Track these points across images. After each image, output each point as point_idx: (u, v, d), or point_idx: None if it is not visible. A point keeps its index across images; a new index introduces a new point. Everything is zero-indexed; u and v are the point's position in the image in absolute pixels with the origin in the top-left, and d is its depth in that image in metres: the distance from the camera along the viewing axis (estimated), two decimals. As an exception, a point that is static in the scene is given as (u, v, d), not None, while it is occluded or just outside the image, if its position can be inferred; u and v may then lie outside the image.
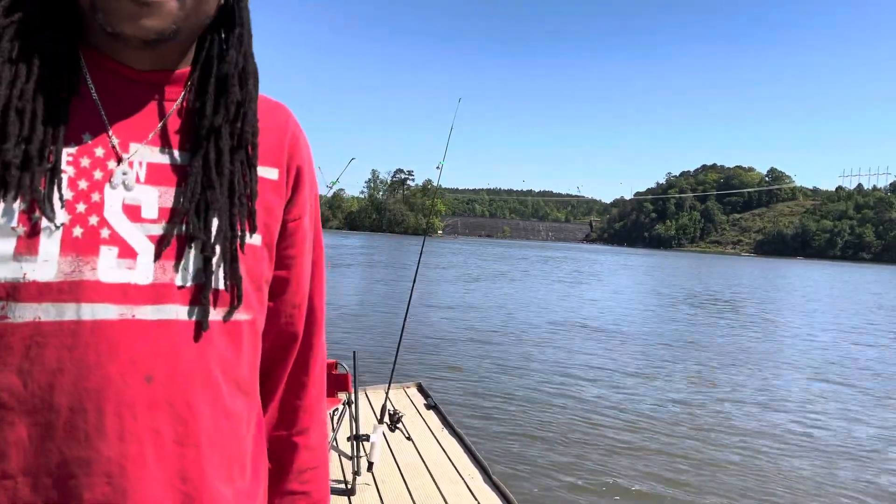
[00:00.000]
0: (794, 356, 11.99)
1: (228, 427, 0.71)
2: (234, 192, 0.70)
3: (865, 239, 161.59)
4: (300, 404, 0.85)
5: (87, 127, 0.65)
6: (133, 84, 0.68)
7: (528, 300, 19.21)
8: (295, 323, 0.83)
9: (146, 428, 0.64)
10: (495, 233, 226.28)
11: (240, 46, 0.72)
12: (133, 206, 0.66)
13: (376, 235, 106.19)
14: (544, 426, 6.49)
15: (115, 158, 0.66)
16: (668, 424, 6.85)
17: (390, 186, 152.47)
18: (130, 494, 0.63)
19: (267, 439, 0.83)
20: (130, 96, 0.68)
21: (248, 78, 0.73)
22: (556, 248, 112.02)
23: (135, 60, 0.67)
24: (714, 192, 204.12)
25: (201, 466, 0.68)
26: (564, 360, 10.06)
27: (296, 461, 0.85)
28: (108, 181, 0.65)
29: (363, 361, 7.04)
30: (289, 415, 0.85)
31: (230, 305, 0.70)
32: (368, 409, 5.08)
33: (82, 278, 0.62)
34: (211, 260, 0.68)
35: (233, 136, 0.71)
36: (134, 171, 0.66)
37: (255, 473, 0.77)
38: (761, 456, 6.05)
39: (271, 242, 0.77)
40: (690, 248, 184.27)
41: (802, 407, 8.09)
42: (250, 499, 0.75)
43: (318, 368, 0.88)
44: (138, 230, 0.65)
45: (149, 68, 0.68)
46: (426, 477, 3.94)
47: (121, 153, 0.66)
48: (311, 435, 0.86)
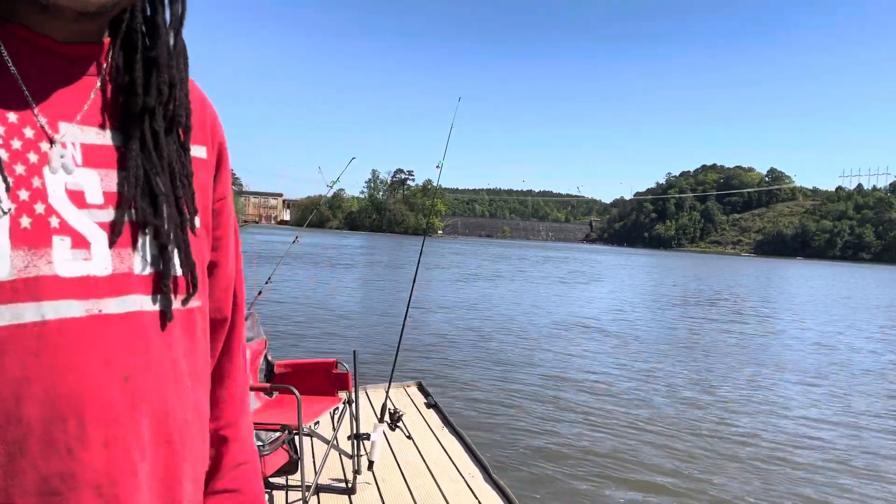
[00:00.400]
0: (800, 358, 11.99)
1: (196, 423, 0.68)
2: (175, 174, 0.67)
3: (865, 239, 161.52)
4: (226, 395, 0.80)
5: (9, 104, 0.57)
6: (53, 56, 0.60)
7: (529, 300, 19.22)
8: (224, 308, 0.79)
9: (130, 431, 0.59)
10: (495, 233, 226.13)
11: (175, 23, 0.66)
12: (77, 192, 0.60)
13: (376, 235, 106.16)
14: (545, 425, 6.50)
15: (47, 139, 0.59)
16: (670, 425, 6.85)
17: (390, 186, 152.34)
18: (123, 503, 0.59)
19: None
20: (52, 70, 0.60)
21: (180, 56, 0.67)
22: (556, 248, 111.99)
23: (55, 30, 0.60)
24: (714, 193, 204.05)
25: (177, 466, 0.65)
26: (565, 360, 10.07)
27: (226, 456, 0.79)
28: (46, 165, 0.58)
29: (363, 360, 7.06)
30: (216, 407, 0.78)
31: (187, 292, 0.67)
32: (369, 408, 5.08)
33: (39, 274, 0.56)
34: (167, 246, 0.65)
35: (166, 118, 0.66)
36: (69, 153, 0.60)
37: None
38: (767, 459, 6.05)
39: (208, 224, 0.74)
40: (690, 249, 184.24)
41: (809, 411, 8.08)
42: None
43: (241, 355, 0.83)
44: (87, 217, 0.60)
45: (69, 39, 0.61)
46: (426, 476, 3.95)
47: (51, 134, 0.59)
48: (239, 427, 0.80)
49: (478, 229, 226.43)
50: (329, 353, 8.68)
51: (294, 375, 3.64)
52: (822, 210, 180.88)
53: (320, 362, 3.80)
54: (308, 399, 3.38)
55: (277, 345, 8.88)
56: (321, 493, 3.53)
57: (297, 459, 3.10)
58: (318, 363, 3.79)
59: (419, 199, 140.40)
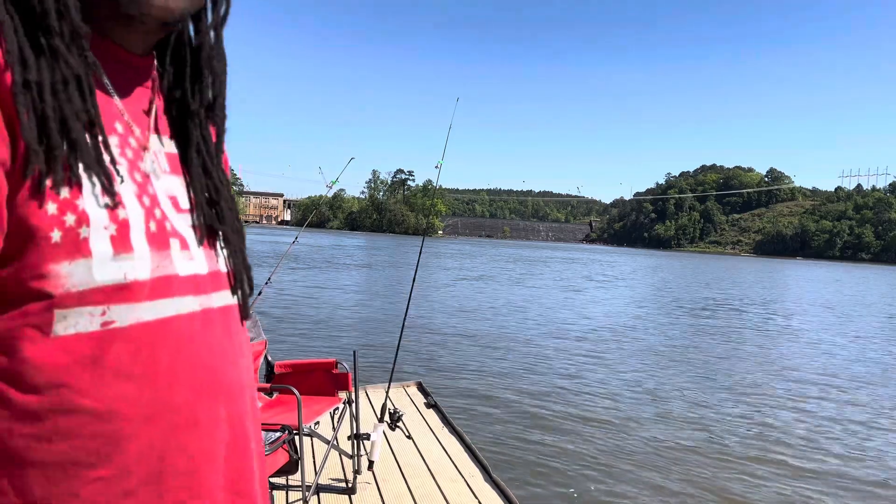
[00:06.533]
0: (818, 364, 11.97)
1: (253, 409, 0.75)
2: (225, 182, 0.74)
3: (864, 239, 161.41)
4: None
5: (112, 115, 0.62)
6: (130, 69, 0.66)
7: (530, 300, 19.20)
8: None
9: (243, 410, 0.67)
10: (495, 233, 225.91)
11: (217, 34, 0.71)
12: (173, 198, 0.66)
13: (377, 235, 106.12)
14: (546, 426, 6.49)
15: (141, 148, 0.64)
16: (672, 427, 6.85)
17: (390, 187, 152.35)
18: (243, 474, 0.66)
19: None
20: (130, 82, 0.66)
21: (223, 66, 0.72)
22: (556, 248, 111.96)
23: (133, 44, 0.65)
24: (713, 193, 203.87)
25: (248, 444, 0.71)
26: (567, 361, 10.06)
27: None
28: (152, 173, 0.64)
29: (363, 360, 7.06)
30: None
31: (250, 290, 0.75)
32: (369, 408, 5.08)
33: (167, 273, 0.62)
34: (235, 247, 0.72)
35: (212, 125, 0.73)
36: (160, 161, 0.66)
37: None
38: (774, 465, 6.05)
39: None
40: (690, 249, 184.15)
41: (823, 421, 8.08)
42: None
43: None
44: (184, 221, 0.66)
45: (142, 52, 0.67)
46: (426, 476, 3.95)
47: (144, 142, 0.65)
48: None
49: (478, 229, 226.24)
50: (329, 353, 8.68)
51: (294, 376, 3.64)
52: (821, 210, 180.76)
53: (320, 362, 3.80)
54: (308, 399, 3.38)
55: (277, 345, 8.88)
56: (321, 493, 3.53)
57: (297, 459, 3.11)
58: (318, 363, 3.79)
59: (419, 200, 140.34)
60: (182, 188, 0.68)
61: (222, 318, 0.68)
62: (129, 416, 0.57)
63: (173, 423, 0.60)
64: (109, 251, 0.56)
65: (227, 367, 0.65)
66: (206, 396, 0.63)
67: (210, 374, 0.63)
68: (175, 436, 0.60)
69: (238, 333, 0.71)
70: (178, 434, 0.60)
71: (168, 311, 0.61)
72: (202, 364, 0.63)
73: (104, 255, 0.56)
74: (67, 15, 0.57)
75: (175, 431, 0.60)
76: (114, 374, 0.57)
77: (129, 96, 0.65)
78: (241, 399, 0.67)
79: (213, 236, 0.70)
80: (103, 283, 0.56)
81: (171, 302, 0.61)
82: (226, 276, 0.71)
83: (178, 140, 0.70)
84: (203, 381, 0.62)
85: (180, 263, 0.63)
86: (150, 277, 0.59)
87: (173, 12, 0.61)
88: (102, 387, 0.56)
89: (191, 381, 0.61)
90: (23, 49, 0.54)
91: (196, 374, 0.62)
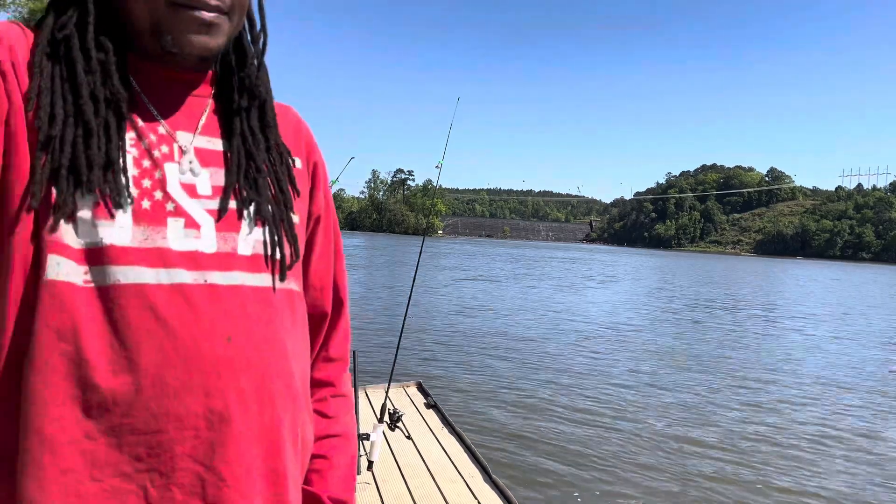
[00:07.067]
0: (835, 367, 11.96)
1: (298, 395, 0.77)
2: (274, 161, 0.80)
3: (865, 239, 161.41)
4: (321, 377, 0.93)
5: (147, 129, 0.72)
6: (175, 83, 0.75)
7: (530, 300, 19.20)
8: (322, 304, 0.90)
9: (230, 386, 0.68)
10: (495, 233, 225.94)
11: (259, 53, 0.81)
12: (189, 185, 0.72)
13: (377, 235, 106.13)
14: (545, 426, 6.48)
15: (167, 143, 0.73)
16: (673, 427, 6.84)
17: (390, 187, 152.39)
18: (217, 448, 0.66)
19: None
20: (175, 94, 0.75)
21: (265, 79, 0.82)
22: (556, 247, 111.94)
23: (178, 65, 0.75)
24: (714, 192, 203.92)
25: (277, 428, 0.72)
26: (567, 362, 10.05)
27: (316, 428, 0.88)
28: (167, 162, 0.72)
29: (363, 360, 7.06)
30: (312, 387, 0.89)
31: (284, 274, 0.77)
32: (368, 408, 5.07)
33: (155, 245, 0.67)
34: (267, 228, 0.76)
35: (262, 129, 0.81)
36: (188, 156, 0.74)
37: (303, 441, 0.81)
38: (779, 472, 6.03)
39: (304, 226, 0.85)
40: (690, 248, 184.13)
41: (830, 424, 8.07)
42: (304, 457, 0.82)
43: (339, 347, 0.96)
44: (197, 205, 0.72)
45: (189, 69, 0.76)
46: (426, 476, 3.94)
47: (172, 139, 0.73)
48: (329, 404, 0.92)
49: (478, 229, 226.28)
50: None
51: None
52: (822, 210, 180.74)
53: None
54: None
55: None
56: (320, 493, 3.51)
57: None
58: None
59: (419, 199, 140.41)
60: (209, 179, 0.74)
61: (230, 296, 0.70)
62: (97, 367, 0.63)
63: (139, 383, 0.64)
64: (90, 216, 0.65)
65: (215, 341, 0.67)
66: (179, 363, 0.65)
67: (188, 343, 0.66)
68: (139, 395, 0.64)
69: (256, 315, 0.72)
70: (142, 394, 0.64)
71: (148, 278, 0.66)
72: (183, 332, 0.66)
73: (85, 219, 0.65)
74: (110, 80, 0.69)
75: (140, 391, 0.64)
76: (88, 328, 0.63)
77: (175, 107, 0.75)
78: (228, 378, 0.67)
79: (246, 220, 0.75)
80: (85, 244, 0.64)
81: (155, 271, 0.66)
82: (250, 259, 0.74)
83: (224, 134, 0.78)
84: (180, 348, 0.65)
85: (177, 240, 0.69)
86: (130, 245, 0.66)
87: (211, 50, 0.71)
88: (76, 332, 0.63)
89: (163, 347, 0.64)
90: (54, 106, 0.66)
91: (174, 341, 0.65)
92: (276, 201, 0.79)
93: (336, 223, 0.94)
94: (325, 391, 0.92)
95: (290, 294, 0.79)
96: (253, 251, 0.75)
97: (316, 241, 0.89)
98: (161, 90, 0.74)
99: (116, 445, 0.63)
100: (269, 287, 0.75)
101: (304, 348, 0.83)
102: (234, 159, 0.76)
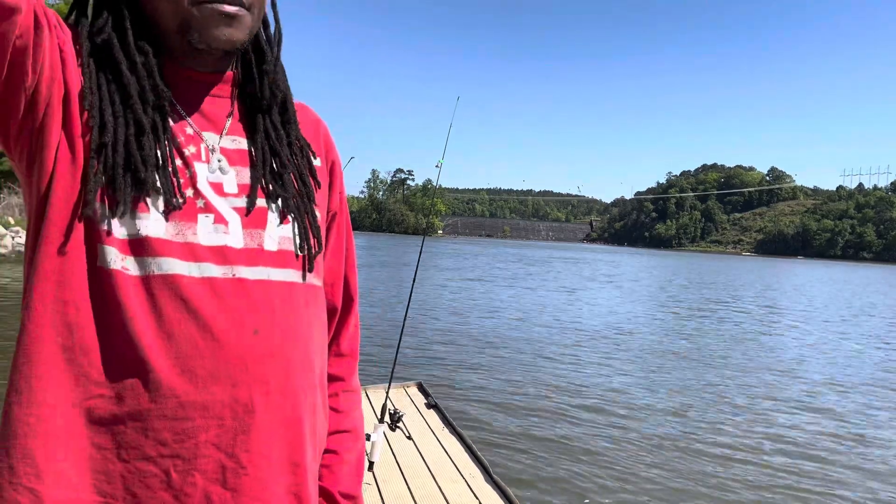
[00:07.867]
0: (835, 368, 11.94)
1: (317, 387, 0.80)
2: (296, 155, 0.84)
3: (866, 238, 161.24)
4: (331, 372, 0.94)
5: (178, 130, 0.76)
6: (202, 86, 0.79)
7: (531, 301, 19.18)
8: (332, 299, 0.93)
9: (256, 377, 0.70)
10: (495, 233, 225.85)
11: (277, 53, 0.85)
12: (216, 184, 0.76)
13: (376, 235, 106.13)
14: (546, 426, 6.47)
15: (195, 144, 0.76)
16: (674, 427, 6.83)
17: (390, 186, 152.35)
18: (240, 437, 0.69)
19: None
20: (201, 96, 0.79)
21: (283, 77, 0.86)
22: (556, 247, 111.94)
23: (202, 65, 0.79)
24: (714, 192, 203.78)
25: (299, 418, 0.75)
26: (568, 361, 10.04)
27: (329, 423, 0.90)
28: (196, 161, 0.76)
29: (364, 360, 7.06)
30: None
31: (308, 270, 0.80)
32: (369, 409, 5.06)
33: (186, 240, 0.70)
34: (293, 223, 0.79)
35: (283, 124, 0.84)
36: (215, 156, 0.77)
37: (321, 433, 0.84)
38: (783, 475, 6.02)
39: (323, 222, 0.88)
40: (691, 248, 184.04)
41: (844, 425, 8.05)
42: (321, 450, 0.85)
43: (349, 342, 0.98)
44: (225, 203, 0.75)
45: (211, 71, 0.80)
46: (427, 476, 3.93)
47: (200, 139, 0.77)
48: (340, 400, 0.94)
49: (478, 229, 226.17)
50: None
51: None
52: (823, 209, 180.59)
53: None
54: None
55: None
56: (321, 493, 3.51)
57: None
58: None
59: (419, 199, 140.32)
60: (235, 177, 0.77)
61: (257, 290, 0.73)
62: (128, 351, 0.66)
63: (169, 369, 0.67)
64: (129, 210, 0.69)
65: (242, 333, 0.70)
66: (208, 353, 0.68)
67: (218, 333, 0.68)
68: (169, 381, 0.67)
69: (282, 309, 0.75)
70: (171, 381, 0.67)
71: (180, 270, 0.69)
72: (212, 323, 0.68)
73: (125, 213, 0.69)
74: (153, 79, 0.73)
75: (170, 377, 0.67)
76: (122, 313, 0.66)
77: (200, 108, 0.79)
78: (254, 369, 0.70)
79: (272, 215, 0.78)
80: (124, 235, 0.68)
81: (186, 265, 0.69)
82: (276, 255, 0.77)
83: (248, 133, 0.81)
84: (208, 338, 0.68)
85: (206, 235, 0.72)
86: (164, 237, 0.69)
87: (235, 44, 0.75)
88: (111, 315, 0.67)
89: (192, 335, 0.67)
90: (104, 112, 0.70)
91: (202, 331, 0.68)
92: (300, 194, 0.82)
93: (349, 221, 0.97)
94: (336, 386, 0.93)
95: (314, 289, 0.82)
96: (279, 247, 0.77)
97: (331, 238, 0.91)
98: (186, 92, 0.78)
99: (143, 429, 0.65)
100: (295, 282, 0.78)
101: (324, 343, 0.86)
102: (260, 156, 0.79)
